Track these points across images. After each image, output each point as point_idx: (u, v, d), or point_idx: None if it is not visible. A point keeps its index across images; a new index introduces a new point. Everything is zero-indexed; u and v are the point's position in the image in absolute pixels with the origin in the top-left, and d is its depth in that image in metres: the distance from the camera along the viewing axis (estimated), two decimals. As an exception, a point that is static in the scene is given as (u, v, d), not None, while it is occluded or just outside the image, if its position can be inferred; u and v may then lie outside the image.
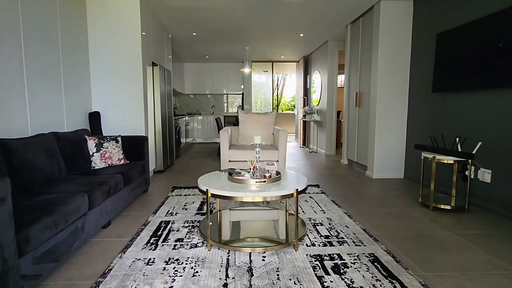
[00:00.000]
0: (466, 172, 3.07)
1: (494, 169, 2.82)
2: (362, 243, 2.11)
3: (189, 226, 2.44)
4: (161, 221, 2.55)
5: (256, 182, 2.08)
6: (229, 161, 3.47)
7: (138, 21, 3.89)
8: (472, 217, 2.71)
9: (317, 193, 3.46)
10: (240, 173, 2.32)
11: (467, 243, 2.18)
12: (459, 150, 2.93)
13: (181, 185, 3.87)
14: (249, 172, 2.32)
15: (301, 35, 6.04)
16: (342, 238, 2.21)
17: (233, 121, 8.95)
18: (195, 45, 6.83)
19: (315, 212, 2.80)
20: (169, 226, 2.44)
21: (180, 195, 3.38)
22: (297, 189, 1.97)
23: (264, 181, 2.09)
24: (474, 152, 2.79)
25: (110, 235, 2.32)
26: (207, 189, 1.96)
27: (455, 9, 3.29)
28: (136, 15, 3.88)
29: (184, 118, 7.41)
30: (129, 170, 2.81)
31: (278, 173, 2.31)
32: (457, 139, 3.00)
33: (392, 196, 3.40)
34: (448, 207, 2.84)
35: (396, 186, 3.85)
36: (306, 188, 2.10)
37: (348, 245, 2.09)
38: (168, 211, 2.83)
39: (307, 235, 2.25)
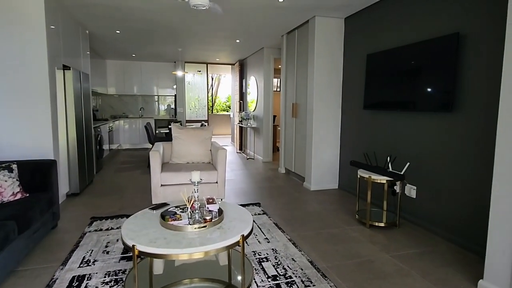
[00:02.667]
0: (395, 187, 3.26)
1: (419, 185, 3.03)
2: (311, 283, 2.00)
3: (111, 281, 2.01)
4: (73, 277, 2.03)
5: (195, 228, 1.79)
6: (162, 185, 3.07)
7: (42, 16, 3.17)
8: (403, 233, 2.86)
9: (259, 214, 3.30)
10: (176, 213, 2.00)
11: (406, 267, 2.25)
12: (390, 168, 3.07)
13: (102, 213, 3.31)
14: (185, 211, 2.01)
15: (238, 41, 5.83)
16: (290, 277, 2.07)
17: (166, 125, 8.29)
18: (120, 43, 6.06)
19: (259, 242, 2.62)
20: (83, 285, 1.97)
21: (101, 229, 2.86)
22: (243, 235, 1.74)
23: (205, 226, 1.81)
24: (403, 172, 2.95)
25: (-1, 306, 1.77)
26: (133, 245, 1.59)
27: (381, 34, 3.45)
28: (40, 8, 3.15)
29: (107, 124, 6.55)
30: (27, 210, 2.21)
31: (219, 211, 2.05)
32: (388, 158, 3.15)
33: (331, 212, 3.44)
34: (382, 224, 2.96)
35: (333, 199, 3.93)
36: (251, 231, 1.89)
37: (298, 286, 1.96)
38: (84, 258, 2.31)
39: (254, 279, 2.05)
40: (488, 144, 2.34)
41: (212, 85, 14.01)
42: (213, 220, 1.87)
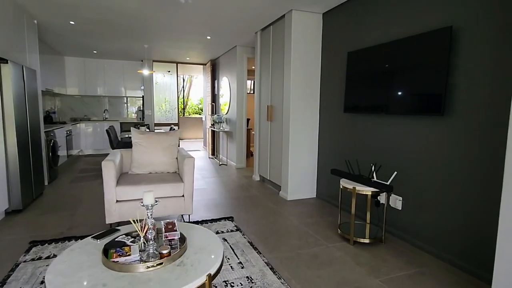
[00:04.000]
0: (379, 198, 3.03)
1: (405, 195, 2.81)
2: (293, 323, 1.67)
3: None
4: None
5: (148, 268, 1.39)
6: (117, 201, 2.61)
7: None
8: (390, 250, 2.62)
9: (231, 230, 2.94)
10: (125, 244, 1.58)
11: (397, 294, 1.98)
12: (375, 178, 2.83)
13: (46, 235, 2.78)
14: (137, 241, 1.60)
15: (208, 37, 5.43)
16: (268, 316, 1.72)
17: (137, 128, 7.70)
18: (78, 37, 5.44)
19: (231, 268, 2.25)
20: None
21: (40, 257, 2.36)
22: (209, 275, 1.37)
23: (161, 263, 1.42)
24: (389, 182, 2.72)
25: None
26: (58, 300, 1.17)
27: (364, 30, 3.23)
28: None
29: (64, 127, 5.88)
30: None
31: (181, 238, 1.66)
32: (373, 166, 2.91)
33: (311, 226, 3.14)
34: (367, 241, 2.70)
35: (312, 211, 3.64)
36: (221, 266, 1.52)
37: (277, 330, 1.61)
38: (9, 301, 1.84)
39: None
40: (484, 151, 2.14)
41: (183, 87, 13.44)
42: (172, 255, 1.48)
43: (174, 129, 6.07)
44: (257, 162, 5.28)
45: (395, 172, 2.64)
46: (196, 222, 3.12)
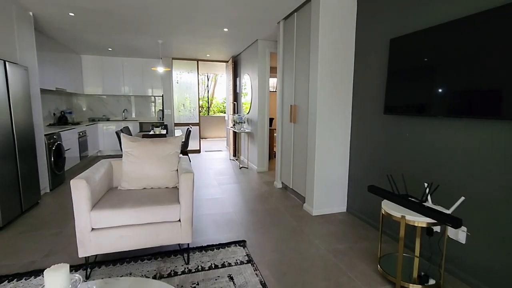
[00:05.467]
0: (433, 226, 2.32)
1: (471, 226, 2.09)
2: None
3: None
4: None
5: None
6: (93, 229, 2.12)
7: None
8: (451, 301, 1.93)
9: (241, 262, 2.38)
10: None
11: None
12: (429, 201, 2.14)
13: (12, 266, 2.36)
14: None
15: (225, 29, 4.90)
16: None
17: (150, 128, 7.37)
18: (81, 31, 5.07)
19: (233, 324, 1.69)
20: None
21: (5, 294, 1.95)
22: None
23: None
24: (452, 211, 2.01)
25: None
26: None
27: (413, 9, 2.51)
28: None
29: (75, 128, 5.64)
30: None
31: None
32: (427, 187, 2.21)
33: (343, 257, 2.51)
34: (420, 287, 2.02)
35: (342, 232, 2.99)
36: None
37: None
38: None
39: None
40: None
41: (208, 86, 13.11)
42: None
43: (190, 130, 5.63)
44: (279, 167, 4.69)
45: (462, 198, 1.94)
46: (200, 248, 2.60)
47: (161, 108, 8.08)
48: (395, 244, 2.75)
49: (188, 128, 5.68)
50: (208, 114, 12.70)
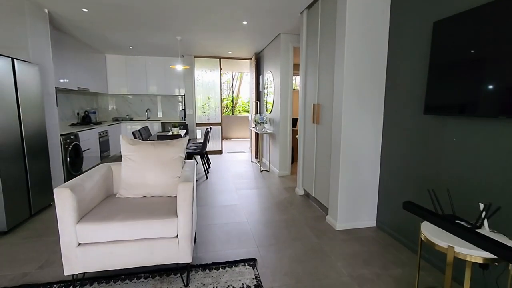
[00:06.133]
0: (492, 263, 1.83)
1: (544, 261, 1.59)
2: None
3: None
4: None
5: None
6: (80, 244, 1.88)
7: None
8: None
9: (247, 287, 2.04)
10: None
11: None
12: (486, 227, 1.66)
13: (4, 278, 2.21)
14: None
15: (244, 22, 4.58)
16: None
17: (170, 129, 7.24)
18: (99, 29, 4.98)
19: None
20: None
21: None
22: None
23: None
24: (517, 239, 1.53)
25: None
26: None
27: (466, -17, 2.02)
28: None
29: (95, 129, 5.61)
30: None
31: None
32: (483, 207, 1.73)
33: (369, 286, 2.08)
34: (471, 336, 1.56)
35: (370, 253, 2.55)
36: None
37: None
38: None
39: None
40: None
41: (233, 85, 12.91)
42: None
43: (208, 131, 5.39)
44: (300, 172, 4.29)
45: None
46: (204, 267, 2.30)
47: (183, 108, 7.96)
48: (435, 271, 2.27)
49: (206, 129, 5.44)
50: (232, 114, 12.49)
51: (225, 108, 12.75)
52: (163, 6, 3.79)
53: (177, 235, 1.95)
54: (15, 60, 3.05)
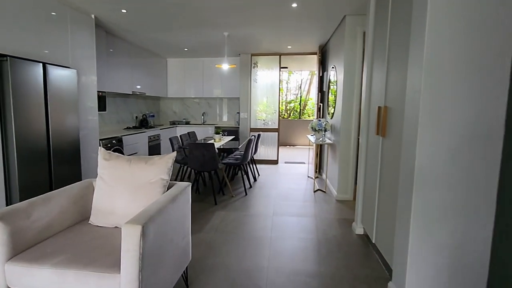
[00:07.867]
0: None
1: None
2: None
3: None
4: None
5: None
6: None
7: None
8: None
9: None
10: None
11: None
12: None
13: None
14: None
15: (294, 5, 3.61)
16: None
17: (217, 134, 6.65)
18: (143, 30, 4.69)
19: None
20: None
21: None
22: None
23: None
24: None
25: None
26: None
27: None
28: None
29: (145, 133, 5.39)
30: None
31: None
32: None
33: None
34: None
35: None
36: None
37: None
38: None
39: None
40: None
41: (300, 86, 11.85)
42: None
43: (251, 139, 4.57)
44: (360, 203, 3.09)
45: None
46: None
47: (238, 111, 7.34)
48: None
49: (249, 138, 4.62)
50: (300, 118, 11.45)
51: (292, 111, 11.78)
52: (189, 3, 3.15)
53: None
54: (46, 64, 3.02)
